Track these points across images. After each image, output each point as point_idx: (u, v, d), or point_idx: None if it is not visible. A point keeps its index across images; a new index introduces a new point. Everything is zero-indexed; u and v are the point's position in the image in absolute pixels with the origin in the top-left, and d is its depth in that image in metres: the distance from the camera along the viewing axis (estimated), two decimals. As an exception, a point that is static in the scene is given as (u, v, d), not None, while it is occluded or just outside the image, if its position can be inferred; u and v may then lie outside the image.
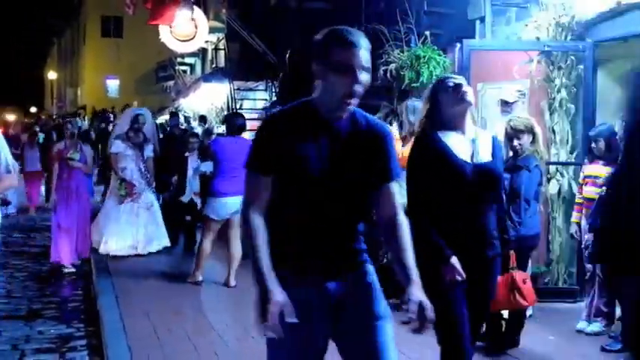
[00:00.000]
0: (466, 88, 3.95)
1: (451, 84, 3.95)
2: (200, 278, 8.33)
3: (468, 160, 3.92)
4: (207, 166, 9.32)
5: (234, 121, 8.52)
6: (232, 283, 8.18)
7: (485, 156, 3.97)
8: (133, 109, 12.03)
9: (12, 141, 14.51)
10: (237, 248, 8.25)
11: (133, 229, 10.15)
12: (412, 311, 2.84)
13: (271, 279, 2.79)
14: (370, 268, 3.19)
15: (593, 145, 6.51)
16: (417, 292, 2.90)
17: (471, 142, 3.96)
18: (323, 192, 2.91)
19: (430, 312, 2.83)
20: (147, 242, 10.22)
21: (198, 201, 10.41)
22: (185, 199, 10.77)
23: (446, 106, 3.95)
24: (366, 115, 3.06)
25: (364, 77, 2.85)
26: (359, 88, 2.85)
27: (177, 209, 11.09)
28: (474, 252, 4.00)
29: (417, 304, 2.85)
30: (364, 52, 2.85)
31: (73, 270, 9.57)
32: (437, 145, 3.93)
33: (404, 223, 3.08)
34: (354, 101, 2.89)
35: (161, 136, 13.04)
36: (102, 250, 9.99)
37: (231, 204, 7.99)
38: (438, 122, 3.98)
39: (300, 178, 2.90)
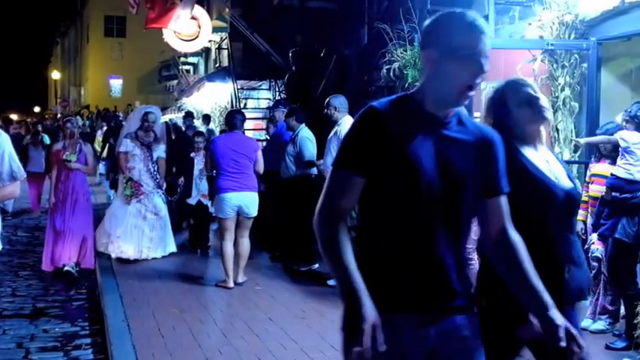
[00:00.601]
0: (543, 101, 3.37)
1: (526, 95, 3.32)
2: (231, 284, 8.08)
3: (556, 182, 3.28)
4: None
5: (232, 117, 8.55)
6: (240, 279, 8.21)
7: (563, 179, 3.32)
8: (142, 107, 11.29)
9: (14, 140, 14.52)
10: (244, 246, 8.29)
11: (138, 232, 9.72)
12: (560, 339, 2.47)
13: (365, 294, 2.32)
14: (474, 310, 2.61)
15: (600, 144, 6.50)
16: (558, 317, 2.50)
17: (546, 162, 3.34)
18: (434, 202, 2.42)
19: (579, 338, 2.50)
20: (151, 248, 9.75)
21: (207, 203, 10.18)
22: (192, 201, 10.45)
23: (518, 118, 3.32)
24: (470, 118, 2.65)
25: (488, 67, 2.46)
26: (480, 79, 2.46)
27: (185, 211, 10.79)
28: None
29: (564, 329, 2.48)
30: (488, 39, 2.48)
31: (72, 271, 8.96)
32: (519, 157, 3.25)
33: (518, 240, 2.61)
34: (472, 94, 2.48)
35: (173, 137, 12.62)
36: (109, 250, 9.61)
37: (234, 199, 8.02)
38: (509, 131, 3.22)
39: (406, 182, 2.41)
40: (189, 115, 14.69)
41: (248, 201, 8.09)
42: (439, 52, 2.45)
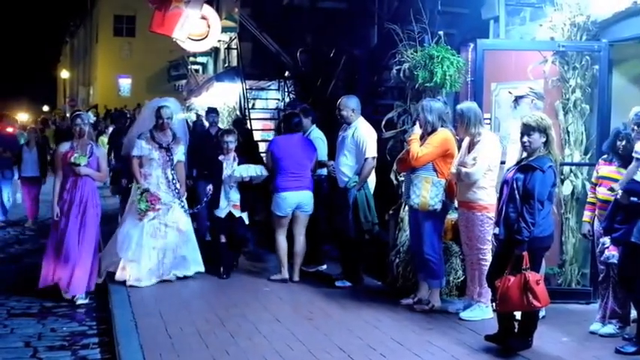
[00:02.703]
0: None
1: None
2: (286, 275, 8.44)
3: None
4: (246, 170, 8.57)
5: (290, 119, 8.66)
6: (296, 278, 8.40)
7: None
8: (155, 100, 9.18)
9: (7, 141, 13.77)
10: (301, 244, 8.45)
11: (157, 255, 8.31)
12: None
13: None
14: None
15: (618, 142, 6.43)
16: None
17: None
18: None
19: None
20: (173, 266, 8.41)
21: (243, 215, 8.74)
22: (221, 213, 8.73)
23: None
24: None
25: None
26: None
27: (213, 226, 9.14)
28: None
29: None
30: None
31: (85, 302, 7.77)
32: None
33: None
34: None
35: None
36: (118, 276, 8.19)
37: (293, 198, 8.27)
38: None
39: None
40: (212, 111, 12.17)
41: (306, 199, 8.38)
42: None
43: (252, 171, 8.57)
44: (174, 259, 8.38)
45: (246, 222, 8.80)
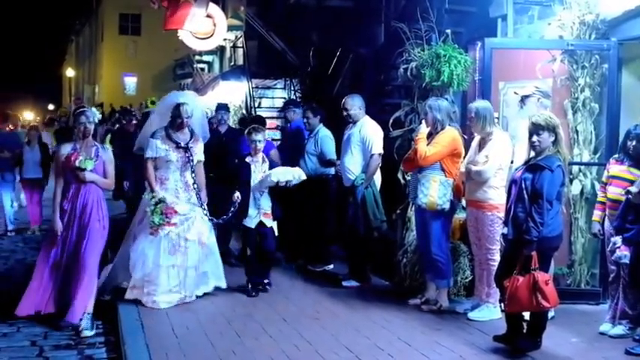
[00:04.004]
0: None
1: None
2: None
3: None
4: (283, 174, 7.58)
5: None
6: None
7: None
8: (172, 94, 8.06)
9: (6, 140, 12.90)
10: None
11: (179, 273, 7.29)
12: None
13: None
14: None
15: (629, 142, 6.39)
16: None
17: None
18: None
19: None
20: (196, 285, 7.46)
21: (272, 224, 7.71)
22: (250, 223, 7.65)
23: None
24: None
25: None
26: None
27: (246, 239, 7.97)
28: None
29: None
30: None
31: (90, 333, 6.61)
32: None
33: None
34: None
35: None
36: (130, 296, 7.21)
37: None
38: None
39: None
40: (222, 108, 10.57)
41: None
42: None
43: (289, 175, 7.62)
44: (197, 277, 7.43)
45: (276, 233, 7.80)
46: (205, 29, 15.14)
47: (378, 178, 8.15)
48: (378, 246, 8.42)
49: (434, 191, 6.95)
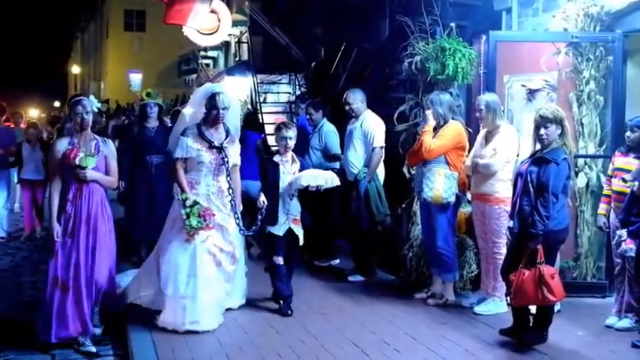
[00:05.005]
0: None
1: None
2: None
3: None
4: (314, 178, 6.77)
5: None
6: None
7: None
8: (207, 86, 7.03)
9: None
10: None
11: (216, 289, 6.46)
12: None
13: None
14: None
15: (628, 133, 6.39)
16: None
17: None
18: None
19: None
20: (228, 303, 6.75)
21: (299, 232, 6.89)
22: (279, 230, 6.79)
23: None
24: None
25: None
26: None
27: (269, 248, 6.99)
28: None
29: None
30: None
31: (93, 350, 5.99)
32: None
33: None
34: None
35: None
36: (163, 321, 6.22)
37: None
38: None
39: None
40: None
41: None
42: None
43: (321, 180, 6.81)
44: (228, 294, 6.73)
45: (302, 241, 6.96)
46: (210, 25, 15.10)
47: (381, 172, 8.15)
48: (383, 240, 8.41)
49: (439, 185, 6.94)
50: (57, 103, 57.38)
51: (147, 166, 8.80)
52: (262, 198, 6.68)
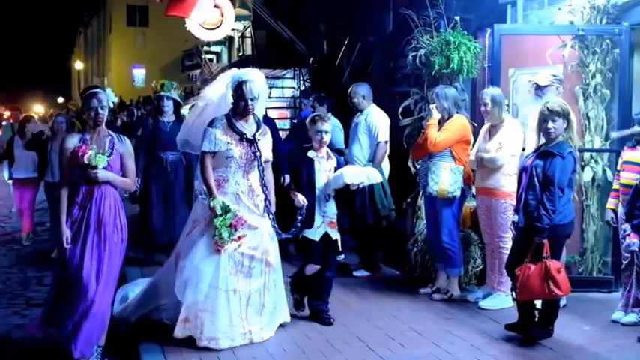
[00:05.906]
0: None
1: None
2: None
3: None
4: (356, 176, 6.17)
5: None
6: None
7: None
8: (233, 72, 6.02)
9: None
10: None
11: (241, 300, 5.74)
12: None
13: None
14: None
15: (635, 128, 6.37)
16: None
17: None
18: None
19: None
20: (265, 323, 5.89)
21: (338, 237, 6.33)
22: (314, 234, 6.17)
23: None
24: None
25: None
26: None
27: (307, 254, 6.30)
28: None
29: None
30: None
31: None
32: None
33: None
34: None
35: None
36: (179, 332, 5.65)
37: None
38: None
39: None
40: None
41: None
42: None
43: (363, 177, 6.24)
44: (262, 310, 5.87)
45: (340, 247, 6.51)
46: (213, 20, 15.10)
47: (386, 167, 8.12)
48: (387, 235, 8.39)
49: (444, 179, 6.91)
50: (61, 99, 57.42)
51: (161, 163, 8.30)
52: (301, 197, 6.02)
